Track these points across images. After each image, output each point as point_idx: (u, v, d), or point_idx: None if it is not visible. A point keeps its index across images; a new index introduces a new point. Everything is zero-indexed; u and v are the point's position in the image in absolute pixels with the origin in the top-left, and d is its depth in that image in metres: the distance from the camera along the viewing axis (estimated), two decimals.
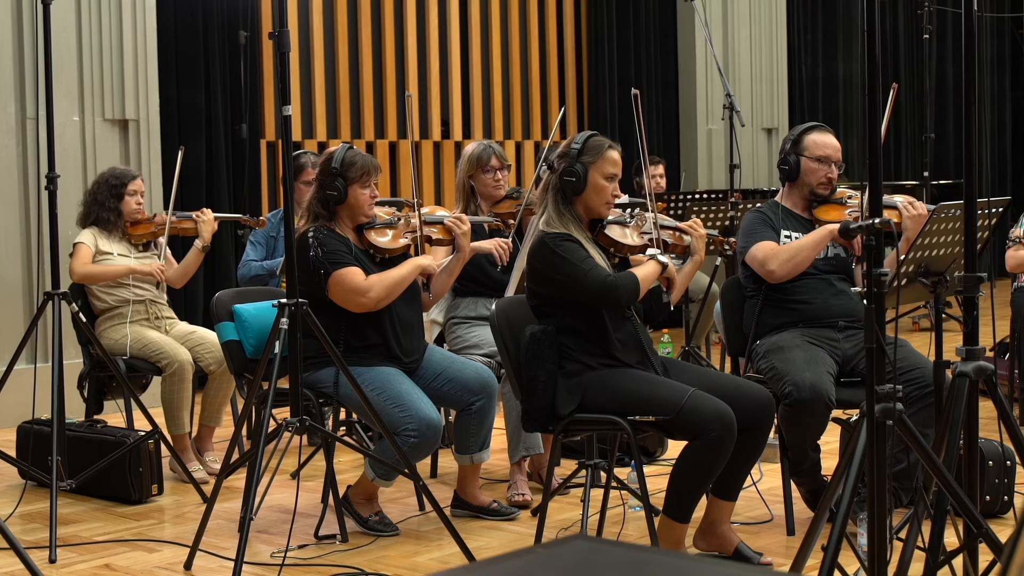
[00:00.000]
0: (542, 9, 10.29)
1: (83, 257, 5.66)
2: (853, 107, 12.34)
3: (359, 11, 9.12)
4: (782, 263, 4.67)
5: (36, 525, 4.93)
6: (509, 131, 10.04)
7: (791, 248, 4.69)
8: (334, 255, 4.56)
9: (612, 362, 4.19)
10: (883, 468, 3.20)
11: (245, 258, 6.22)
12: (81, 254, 5.67)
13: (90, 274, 5.65)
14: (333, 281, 4.54)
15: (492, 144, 5.58)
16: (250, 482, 4.03)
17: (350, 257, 4.59)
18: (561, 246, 4.18)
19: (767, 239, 4.74)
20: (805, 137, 4.85)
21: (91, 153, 7.30)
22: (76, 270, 5.64)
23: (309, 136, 8.84)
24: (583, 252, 4.18)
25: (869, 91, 3.30)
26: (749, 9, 11.16)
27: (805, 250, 4.67)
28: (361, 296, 4.54)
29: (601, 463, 4.57)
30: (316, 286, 4.54)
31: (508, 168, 5.59)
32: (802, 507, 4.72)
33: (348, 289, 4.54)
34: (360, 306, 4.55)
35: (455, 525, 4.47)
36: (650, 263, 4.28)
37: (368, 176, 4.66)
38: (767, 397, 4.17)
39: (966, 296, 3.55)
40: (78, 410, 5.83)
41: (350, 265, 4.57)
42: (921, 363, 4.47)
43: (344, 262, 4.56)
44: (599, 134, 4.42)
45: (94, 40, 7.30)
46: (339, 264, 4.55)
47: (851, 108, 12.31)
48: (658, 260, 4.27)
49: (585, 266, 4.14)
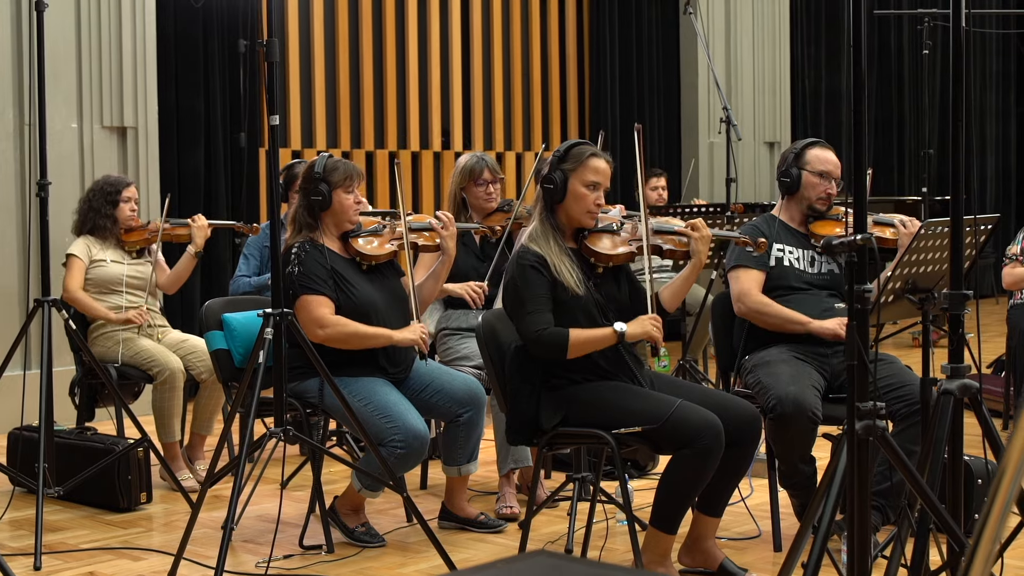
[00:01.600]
0: (544, 20, 10.29)
1: (75, 275, 5.68)
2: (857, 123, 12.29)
3: (360, 20, 9.12)
4: (750, 310, 4.67)
5: (23, 532, 4.92)
6: (510, 142, 10.04)
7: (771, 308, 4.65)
8: (309, 278, 4.56)
9: (596, 376, 4.17)
10: (865, 485, 3.18)
11: (237, 273, 6.21)
12: (74, 270, 5.69)
13: (78, 300, 5.69)
14: (299, 304, 4.55)
15: (485, 157, 5.59)
16: (235, 491, 4.02)
17: (324, 285, 4.58)
18: (524, 273, 4.14)
19: (754, 268, 4.72)
20: (808, 151, 4.85)
21: (89, 160, 7.30)
22: (69, 289, 5.67)
23: (309, 145, 8.85)
24: (539, 287, 4.12)
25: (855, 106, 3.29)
26: (752, 22, 11.16)
27: (775, 317, 4.64)
28: (319, 328, 4.53)
29: (588, 476, 4.56)
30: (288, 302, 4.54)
31: (501, 181, 5.59)
32: (791, 523, 4.70)
33: (309, 317, 4.53)
34: (316, 337, 4.50)
35: (442, 537, 4.45)
36: (606, 330, 4.15)
37: (351, 181, 4.67)
38: (753, 413, 4.16)
39: (951, 313, 3.54)
40: (71, 417, 5.83)
41: (321, 294, 4.56)
42: (910, 380, 4.46)
43: (315, 288, 4.56)
44: (586, 142, 4.38)
45: (93, 46, 7.31)
46: (310, 289, 4.55)
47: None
48: (615, 331, 4.13)
49: (529, 307, 4.11)
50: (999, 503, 1.53)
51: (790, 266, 4.78)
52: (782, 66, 11.45)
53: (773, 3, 11.36)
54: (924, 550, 3.39)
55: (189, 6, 7.76)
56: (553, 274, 4.14)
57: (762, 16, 11.25)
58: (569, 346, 4.07)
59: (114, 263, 5.77)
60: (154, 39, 7.60)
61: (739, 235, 4.60)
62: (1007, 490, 1.52)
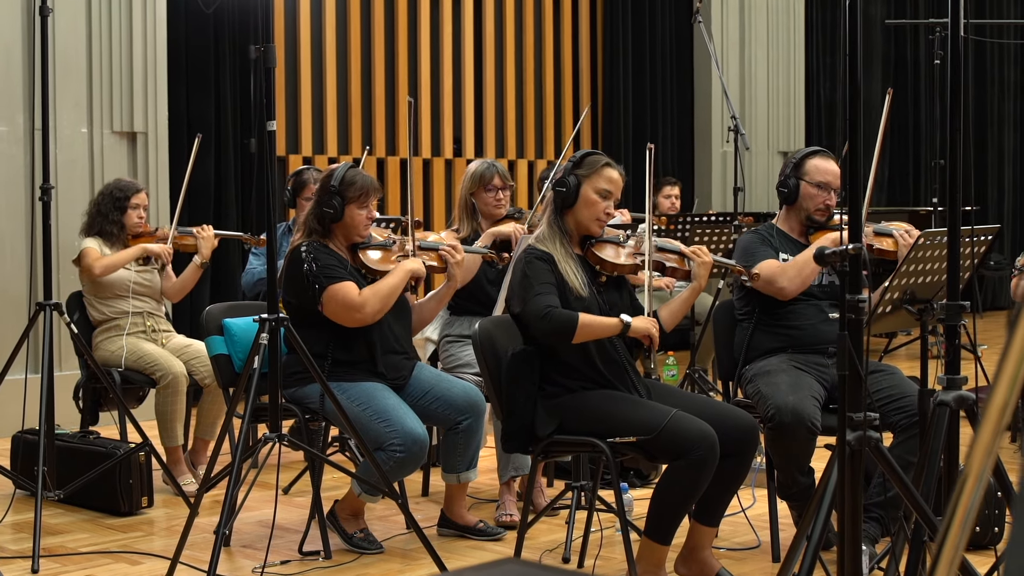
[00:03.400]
0: (557, 27, 10.29)
1: (93, 255, 5.69)
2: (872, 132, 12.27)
3: (373, 27, 9.14)
4: (791, 279, 4.62)
5: (24, 535, 4.93)
6: (522, 150, 10.04)
7: (797, 263, 4.62)
8: (328, 269, 4.56)
9: (593, 384, 4.16)
10: (857, 496, 3.17)
11: (248, 267, 6.23)
12: (91, 254, 5.70)
13: (111, 264, 5.67)
14: (328, 296, 4.53)
15: (496, 163, 5.58)
16: (227, 497, 4.02)
17: (344, 272, 4.59)
18: (530, 264, 4.15)
19: (768, 257, 4.69)
20: (807, 161, 4.82)
21: (99, 165, 7.33)
22: (95, 266, 5.66)
23: (320, 152, 8.86)
24: (547, 276, 4.13)
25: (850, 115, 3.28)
26: (767, 31, 11.15)
27: (811, 263, 4.59)
28: (356, 312, 4.53)
29: (587, 484, 4.55)
30: (309, 300, 4.53)
31: (511, 188, 5.58)
32: (791, 533, 4.66)
33: (343, 305, 4.53)
34: (356, 321, 4.53)
35: (441, 544, 4.45)
36: (613, 320, 4.16)
37: (366, 197, 4.65)
38: (751, 423, 4.14)
39: (947, 325, 3.52)
40: (75, 421, 5.84)
41: (344, 280, 4.56)
42: (911, 391, 4.43)
43: (339, 276, 4.55)
44: (600, 152, 4.42)
45: (104, 51, 7.33)
46: (334, 279, 4.54)
47: (870, 133, 12.23)
48: (622, 320, 4.15)
49: (538, 288, 4.10)
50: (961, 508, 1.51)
51: None
52: (797, 75, 11.42)
53: (788, 12, 11.34)
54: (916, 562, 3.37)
55: (200, 12, 7.78)
56: (560, 274, 4.16)
57: (777, 25, 11.23)
58: (578, 328, 4.06)
59: (121, 268, 5.78)
60: (165, 44, 7.62)
61: (736, 264, 4.59)
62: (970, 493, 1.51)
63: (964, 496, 1.50)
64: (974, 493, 1.50)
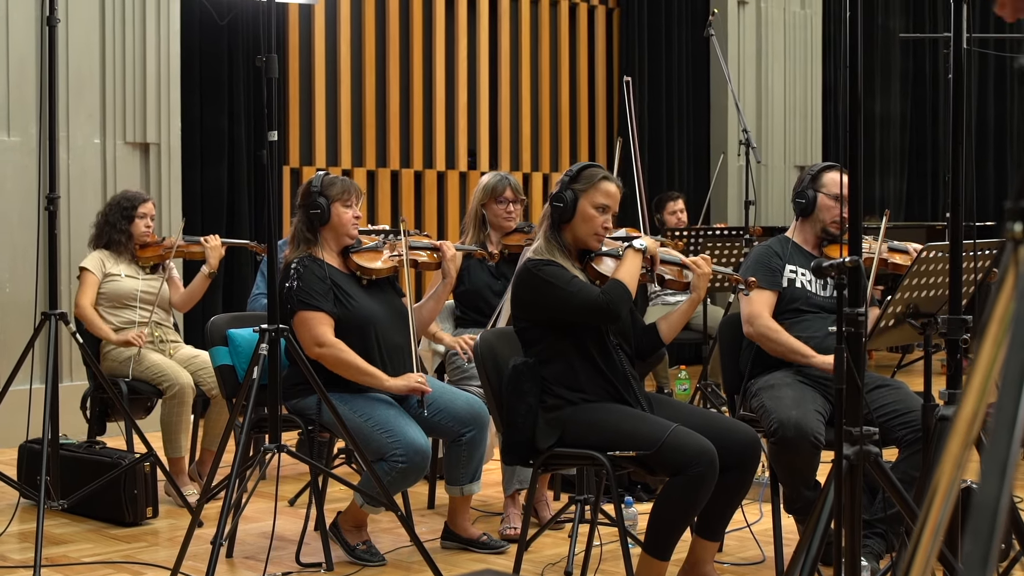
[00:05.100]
0: (573, 40, 10.29)
1: (87, 291, 5.73)
2: (889, 146, 12.24)
3: (387, 40, 9.15)
4: (759, 334, 4.61)
5: (28, 544, 4.93)
6: (537, 163, 10.03)
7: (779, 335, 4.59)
8: (308, 294, 4.58)
9: (594, 397, 4.13)
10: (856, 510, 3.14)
11: (255, 291, 6.22)
12: (86, 285, 5.73)
13: (87, 318, 5.75)
14: (297, 319, 4.57)
15: (508, 176, 5.58)
16: (224, 507, 4.01)
17: (323, 300, 4.59)
18: (544, 271, 4.13)
19: (767, 289, 4.66)
20: (824, 174, 4.81)
21: (111, 176, 7.35)
22: (80, 305, 5.74)
23: (334, 163, 8.87)
24: (567, 274, 4.13)
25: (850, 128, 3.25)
26: (784, 45, 11.12)
27: (781, 345, 4.58)
28: (316, 346, 4.56)
29: (591, 498, 4.52)
30: (287, 315, 4.55)
31: (522, 202, 5.57)
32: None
33: (307, 333, 4.56)
34: (311, 352, 4.53)
35: (444, 557, 4.43)
36: (628, 256, 4.20)
37: (349, 195, 4.72)
38: (753, 437, 4.11)
39: (949, 339, 3.49)
40: (83, 431, 5.85)
41: (319, 310, 4.58)
42: (916, 406, 4.39)
43: (313, 304, 4.57)
44: (597, 164, 4.39)
45: (117, 62, 7.36)
46: (308, 305, 4.57)
47: (887, 147, 12.20)
48: (634, 247, 4.19)
49: (572, 287, 4.09)
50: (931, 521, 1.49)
51: (802, 288, 4.73)
52: (814, 89, 11.38)
53: (805, 26, 11.31)
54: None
55: (214, 23, 7.80)
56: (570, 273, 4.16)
57: (794, 39, 11.20)
58: (626, 288, 4.12)
59: (128, 278, 5.80)
60: (178, 55, 7.64)
61: (732, 272, 4.57)
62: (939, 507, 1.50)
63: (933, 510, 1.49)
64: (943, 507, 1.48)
